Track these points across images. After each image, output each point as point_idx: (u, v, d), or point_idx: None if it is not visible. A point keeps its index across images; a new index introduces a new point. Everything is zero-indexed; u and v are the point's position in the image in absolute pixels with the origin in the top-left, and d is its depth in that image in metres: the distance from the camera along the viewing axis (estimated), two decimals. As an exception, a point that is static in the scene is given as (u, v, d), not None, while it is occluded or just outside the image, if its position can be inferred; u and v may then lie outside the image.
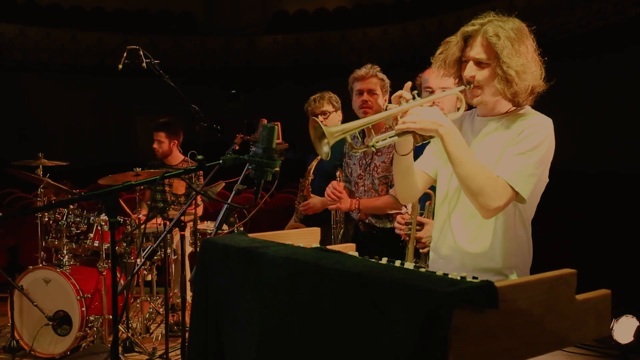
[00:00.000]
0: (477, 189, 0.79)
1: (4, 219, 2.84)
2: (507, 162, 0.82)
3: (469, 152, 0.81)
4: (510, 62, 0.80)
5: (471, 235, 0.87)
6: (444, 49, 0.87)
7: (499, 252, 0.85)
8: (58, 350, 1.79)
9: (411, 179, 0.91)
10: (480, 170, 0.80)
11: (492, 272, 0.86)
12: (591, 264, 2.20)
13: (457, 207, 0.88)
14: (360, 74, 1.44)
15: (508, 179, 0.80)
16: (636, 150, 4.67)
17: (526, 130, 0.82)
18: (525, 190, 0.81)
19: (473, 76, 0.84)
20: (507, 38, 0.81)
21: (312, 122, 0.78)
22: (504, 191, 0.80)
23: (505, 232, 0.85)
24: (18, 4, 7.54)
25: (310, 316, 0.60)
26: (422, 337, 0.49)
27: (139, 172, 1.86)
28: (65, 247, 1.90)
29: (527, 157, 0.81)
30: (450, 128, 0.80)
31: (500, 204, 0.80)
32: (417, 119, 0.80)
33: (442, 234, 0.91)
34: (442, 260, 0.91)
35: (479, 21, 0.85)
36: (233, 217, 1.75)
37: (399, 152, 0.87)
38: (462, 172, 0.80)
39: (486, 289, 0.51)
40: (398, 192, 0.94)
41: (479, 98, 0.86)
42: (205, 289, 0.76)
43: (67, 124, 7.65)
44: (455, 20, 6.67)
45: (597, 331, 0.60)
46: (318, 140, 0.78)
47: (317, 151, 0.79)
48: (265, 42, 7.90)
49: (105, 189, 0.76)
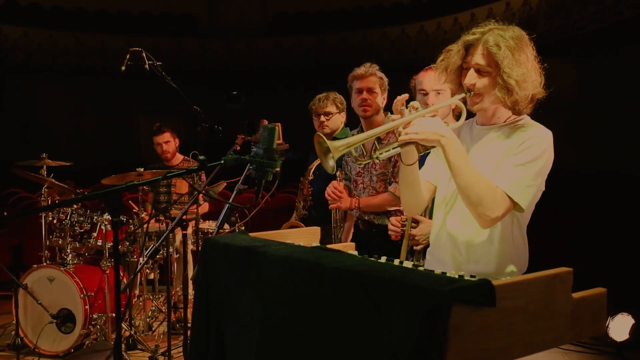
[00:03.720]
0: (476, 199, 0.80)
1: (8, 219, 2.88)
2: (507, 173, 0.82)
3: (469, 162, 0.82)
4: (511, 72, 0.81)
5: (467, 240, 0.87)
6: (445, 57, 0.88)
7: (494, 257, 0.86)
8: (62, 348, 1.81)
9: (418, 189, 0.91)
10: (480, 180, 0.81)
11: (489, 277, 0.86)
12: (587, 262, 2.20)
13: (454, 211, 0.89)
14: (359, 72, 1.44)
15: (507, 189, 0.81)
16: (633, 150, 4.65)
17: (527, 141, 0.83)
18: (523, 201, 0.81)
19: (473, 84, 0.85)
20: (508, 47, 0.82)
21: (317, 138, 0.80)
22: (502, 201, 0.80)
23: (502, 239, 0.86)
24: (22, 6, 7.59)
25: (310, 314, 0.61)
26: (421, 335, 0.50)
27: (141, 172, 1.88)
28: (68, 246, 1.91)
29: (527, 169, 0.81)
30: (451, 138, 0.81)
31: (498, 214, 0.81)
32: (419, 129, 0.80)
33: (439, 237, 0.91)
34: (439, 264, 0.91)
35: (479, 30, 0.85)
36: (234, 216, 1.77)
37: (405, 162, 0.88)
38: (461, 181, 0.81)
39: (484, 288, 0.52)
40: (404, 204, 0.94)
41: (478, 105, 0.86)
42: (206, 287, 0.77)
43: (70, 124, 7.69)
44: (453, 23, 6.69)
45: (593, 329, 0.60)
46: (323, 155, 0.79)
47: (324, 165, 0.80)
48: (266, 44, 7.93)
49: (108, 189, 0.77)
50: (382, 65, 1.49)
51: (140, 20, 7.97)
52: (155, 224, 2.05)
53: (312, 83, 4.61)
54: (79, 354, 1.74)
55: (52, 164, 1.99)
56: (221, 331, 0.75)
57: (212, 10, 8.30)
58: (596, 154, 5.15)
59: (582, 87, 5.05)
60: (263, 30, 8.10)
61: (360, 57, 2.65)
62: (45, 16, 7.65)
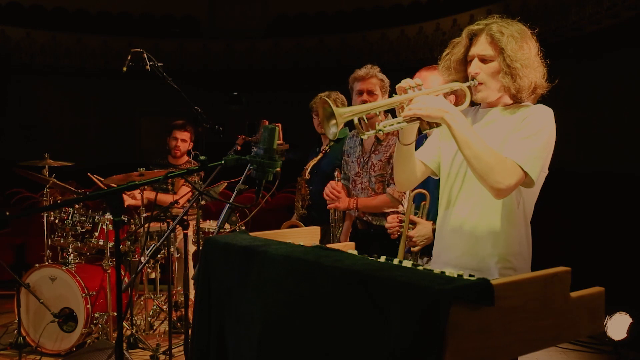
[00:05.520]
0: (487, 168, 0.79)
1: (11, 218, 2.89)
2: (515, 145, 0.82)
3: (475, 134, 0.81)
4: (515, 55, 0.82)
5: (475, 219, 0.86)
6: (451, 49, 0.89)
7: (503, 239, 0.85)
8: (64, 347, 1.82)
9: (411, 167, 0.92)
10: (489, 150, 0.80)
11: (497, 258, 0.85)
12: (585, 262, 2.20)
13: (460, 198, 0.88)
14: (360, 74, 1.45)
15: (517, 159, 0.81)
16: (630, 150, 4.68)
17: (529, 117, 0.83)
18: (533, 172, 0.81)
19: (478, 72, 0.86)
20: (511, 36, 0.83)
21: (323, 103, 0.79)
22: (514, 170, 0.80)
23: (509, 221, 0.85)
24: (25, 8, 7.65)
25: (310, 313, 0.61)
26: (420, 334, 0.50)
27: (142, 172, 1.89)
28: (70, 245, 1.92)
29: (533, 141, 0.81)
30: (455, 114, 0.81)
31: (511, 182, 0.79)
32: (423, 106, 0.81)
33: (446, 217, 0.90)
34: (446, 246, 0.90)
35: (484, 21, 0.87)
36: (235, 216, 1.77)
37: (402, 141, 0.88)
38: (470, 153, 0.80)
39: (482, 287, 0.52)
40: (396, 179, 0.95)
41: (482, 93, 0.87)
42: (207, 286, 0.77)
43: (72, 125, 7.74)
44: (452, 24, 6.73)
45: (591, 328, 0.61)
46: (326, 120, 0.78)
47: (325, 130, 0.79)
48: (266, 45, 7.96)
49: (110, 189, 0.78)
50: (382, 66, 1.49)
51: (142, 22, 8.01)
52: (156, 224, 2.06)
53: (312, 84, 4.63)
54: (81, 353, 1.73)
55: (54, 164, 2.00)
56: (222, 330, 0.75)
57: (214, 12, 8.34)
58: (592, 154, 5.17)
59: (578, 88, 5.05)
60: (264, 31, 8.15)
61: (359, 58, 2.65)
62: (48, 18, 7.71)
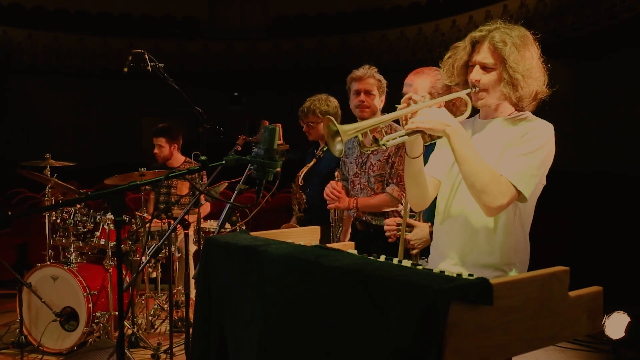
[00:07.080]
0: (481, 187, 0.81)
1: (13, 218, 2.90)
2: (511, 162, 0.83)
3: (474, 151, 0.82)
4: (517, 66, 0.83)
5: (471, 230, 0.87)
6: (452, 54, 0.90)
7: (498, 248, 0.86)
8: (65, 346, 1.82)
9: (423, 184, 0.92)
10: (485, 168, 0.82)
11: (492, 268, 0.87)
12: (583, 261, 2.20)
13: (457, 202, 0.89)
14: (358, 74, 1.44)
15: (511, 178, 0.82)
16: (630, 150, 4.67)
17: (530, 132, 0.84)
18: (527, 190, 0.82)
19: (478, 80, 0.86)
20: (514, 44, 0.83)
21: (327, 121, 0.80)
22: (507, 190, 0.81)
23: (505, 230, 0.86)
24: (26, 9, 7.68)
25: (310, 312, 0.62)
26: (419, 333, 0.50)
27: (144, 172, 1.90)
28: (72, 245, 1.93)
29: (530, 159, 0.83)
30: (456, 128, 0.82)
31: (503, 202, 0.81)
32: (426, 119, 0.82)
33: (443, 227, 0.91)
34: (441, 256, 0.91)
35: (486, 27, 0.87)
36: (235, 216, 1.78)
37: (410, 154, 0.88)
38: (467, 169, 0.82)
39: (481, 286, 0.52)
40: (410, 199, 0.95)
41: (483, 101, 0.88)
42: (208, 285, 0.77)
43: (74, 125, 7.76)
44: (451, 25, 6.71)
45: (589, 327, 0.61)
46: (331, 139, 0.80)
47: (331, 149, 0.80)
48: (267, 46, 7.97)
49: (111, 189, 0.78)
50: (381, 66, 1.50)
51: (143, 23, 8.03)
52: (157, 224, 2.06)
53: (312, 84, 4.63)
54: (82, 352, 1.74)
55: (55, 164, 2.01)
56: (222, 329, 0.75)
57: (214, 13, 8.36)
58: (591, 154, 5.16)
59: (578, 89, 5.05)
60: (264, 32, 8.16)
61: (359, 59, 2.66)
62: (50, 19, 7.72)
